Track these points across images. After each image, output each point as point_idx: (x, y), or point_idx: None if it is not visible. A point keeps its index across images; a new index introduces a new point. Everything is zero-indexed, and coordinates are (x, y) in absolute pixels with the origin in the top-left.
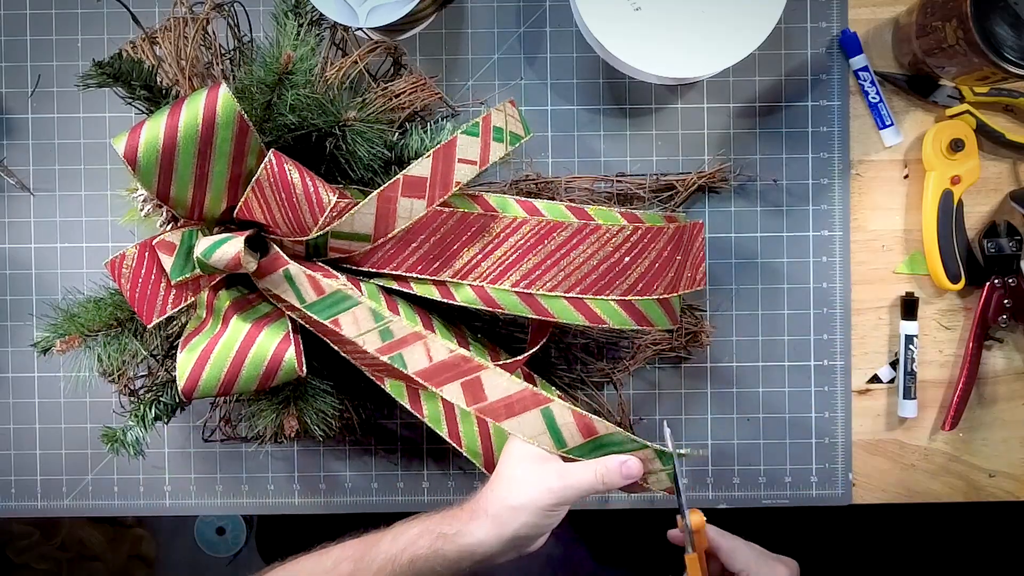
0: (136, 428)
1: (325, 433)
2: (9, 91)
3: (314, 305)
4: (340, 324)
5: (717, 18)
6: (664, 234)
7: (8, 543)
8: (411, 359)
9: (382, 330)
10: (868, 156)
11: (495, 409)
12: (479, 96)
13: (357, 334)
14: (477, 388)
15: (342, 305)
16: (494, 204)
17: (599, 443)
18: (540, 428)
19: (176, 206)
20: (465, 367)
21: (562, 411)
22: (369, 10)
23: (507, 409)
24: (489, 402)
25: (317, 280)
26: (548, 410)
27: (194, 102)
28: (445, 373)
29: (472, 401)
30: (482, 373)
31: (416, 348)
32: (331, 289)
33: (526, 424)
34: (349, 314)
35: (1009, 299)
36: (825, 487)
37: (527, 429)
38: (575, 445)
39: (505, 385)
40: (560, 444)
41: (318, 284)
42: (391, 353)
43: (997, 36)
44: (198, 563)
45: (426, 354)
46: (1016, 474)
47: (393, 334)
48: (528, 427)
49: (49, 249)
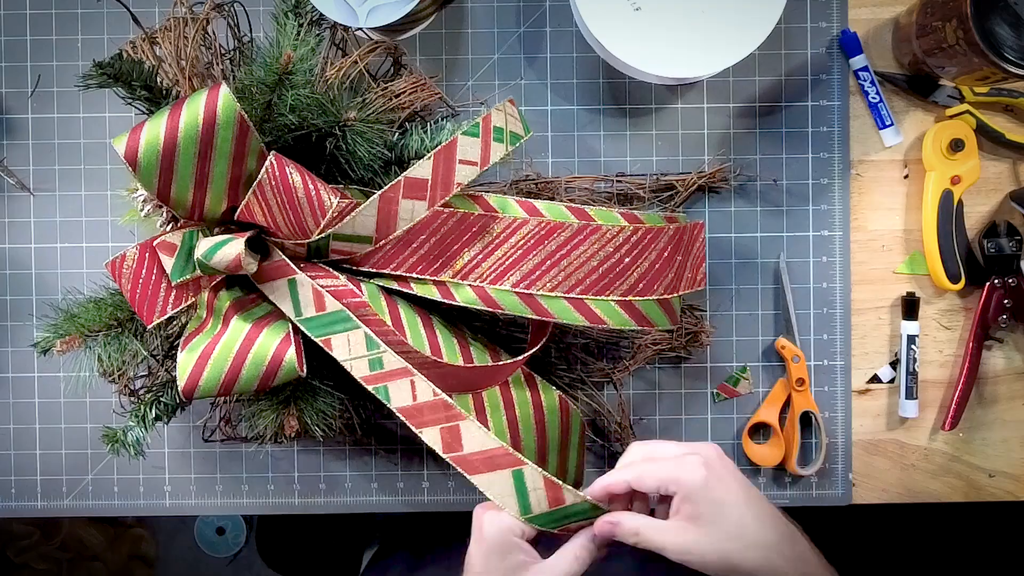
0: (136, 428)
1: (325, 433)
2: (9, 91)
3: (310, 320)
4: (331, 345)
5: (717, 18)
6: (664, 234)
7: (8, 543)
8: (396, 394)
9: (373, 359)
10: (868, 156)
11: (469, 461)
12: (479, 96)
13: (346, 358)
14: (455, 436)
15: (339, 326)
16: (494, 204)
17: (565, 513)
18: (509, 490)
19: (176, 207)
20: (446, 413)
21: (534, 476)
22: (369, 10)
23: (481, 464)
24: (464, 453)
25: (323, 296)
26: (520, 472)
27: (194, 102)
28: (427, 415)
29: (447, 449)
30: (462, 423)
31: (403, 384)
32: (333, 308)
33: (495, 484)
34: (343, 336)
35: (1009, 299)
36: (825, 487)
37: (495, 489)
38: (540, 512)
39: (482, 439)
40: (525, 511)
41: (322, 301)
42: (377, 384)
43: (997, 36)
44: (198, 563)
45: (411, 392)
46: (1016, 474)
47: (383, 365)
48: (497, 487)
49: (49, 249)
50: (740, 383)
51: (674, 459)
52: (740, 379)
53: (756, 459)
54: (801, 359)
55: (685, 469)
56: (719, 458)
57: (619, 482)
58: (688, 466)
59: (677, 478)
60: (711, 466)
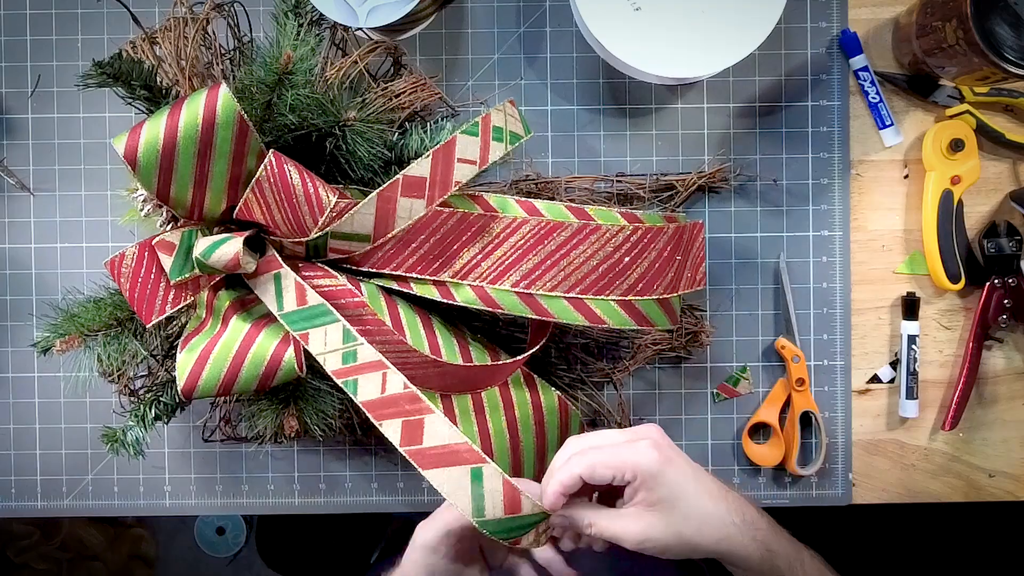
0: (136, 428)
1: (325, 433)
2: (9, 91)
3: (290, 315)
4: (308, 339)
5: (717, 18)
6: (664, 234)
7: (8, 543)
8: (364, 387)
9: (347, 352)
10: (868, 156)
11: (425, 455)
12: (479, 96)
13: (321, 351)
14: (416, 430)
15: (317, 320)
16: (494, 204)
17: (520, 523)
18: (463, 489)
19: (176, 206)
20: (412, 407)
21: (493, 476)
22: (369, 10)
23: (437, 458)
24: (422, 447)
25: (304, 290)
26: (479, 470)
27: (194, 102)
28: (391, 407)
29: (406, 443)
30: (427, 416)
31: (373, 377)
32: (314, 302)
33: (450, 479)
34: (320, 330)
35: (1009, 299)
36: (825, 487)
37: (448, 487)
38: (492, 518)
39: (447, 433)
40: (478, 513)
41: (303, 294)
42: (346, 377)
43: (997, 36)
44: (198, 563)
45: (381, 385)
46: (1016, 474)
47: (357, 358)
48: (451, 483)
49: (49, 249)
50: (740, 383)
51: (625, 445)
52: (740, 379)
53: (756, 459)
54: (801, 359)
55: (640, 454)
56: (663, 437)
57: (571, 477)
58: (642, 451)
59: (634, 464)
60: (660, 448)
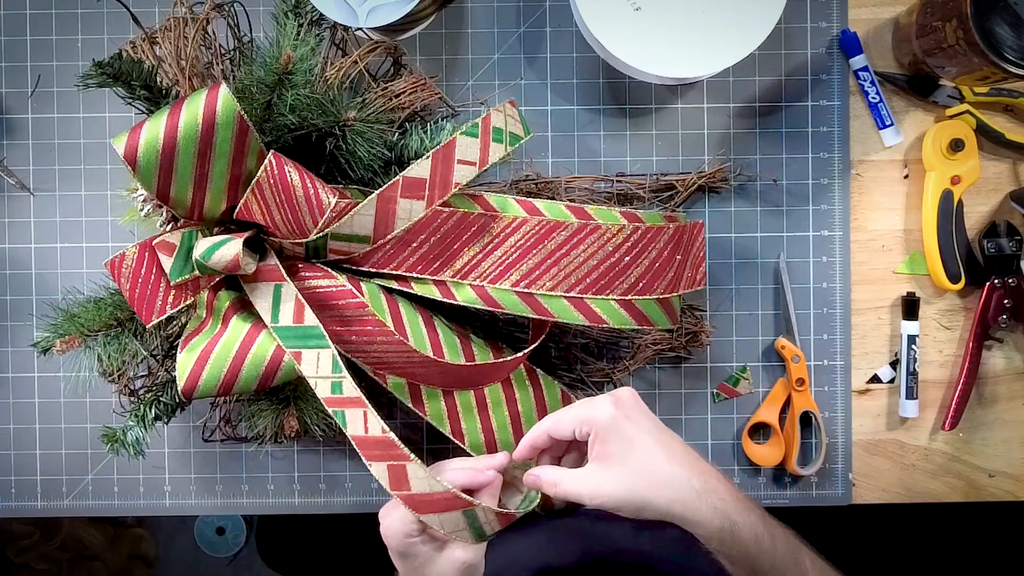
0: (136, 428)
1: (325, 433)
2: (9, 91)
3: (284, 329)
4: (301, 359)
5: (717, 18)
6: (664, 234)
7: (8, 543)
8: (351, 421)
9: (335, 382)
10: (868, 156)
11: (416, 501)
12: (479, 96)
13: (313, 375)
14: (402, 476)
15: (311, 342)
16: (494, 204)
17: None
18: (461, 525)
19: (176, 206)
20: (393, 452)
21: (487, 515)
22: (369, 10)
23: (428, 505)
24: (411, 492)
25: (303, 308)
26: (472, 512)
27: (194, 102)
28: (376, 449)
29: (394, 487)
30: (408, 464)
31: (356, 413)
32: (311, 323)
33: (448, 521)
34: (313, 352)
35: (1009, 299)
36: (825, 487)
37: (448, 527)
38: (490, 533)
39: (427, 483)
40: (480, 537)
41: (301, 312)
42: (336, 408)
43: (997, 36)
44: (198, 563)
45: (363, 424)
46: (1016, 474)
47: (342, 391)
48: (449, 523)
49: (49, 249)
50: (740, 383)
51: (587, 401)
52: (740, 379)
53: (756, 459)
54: (801, 359)
55: (596, 408)
56: (631, 397)
57: (540, 434)
58: (598, 404)
59: (588, 416)
60: (622, 404)
